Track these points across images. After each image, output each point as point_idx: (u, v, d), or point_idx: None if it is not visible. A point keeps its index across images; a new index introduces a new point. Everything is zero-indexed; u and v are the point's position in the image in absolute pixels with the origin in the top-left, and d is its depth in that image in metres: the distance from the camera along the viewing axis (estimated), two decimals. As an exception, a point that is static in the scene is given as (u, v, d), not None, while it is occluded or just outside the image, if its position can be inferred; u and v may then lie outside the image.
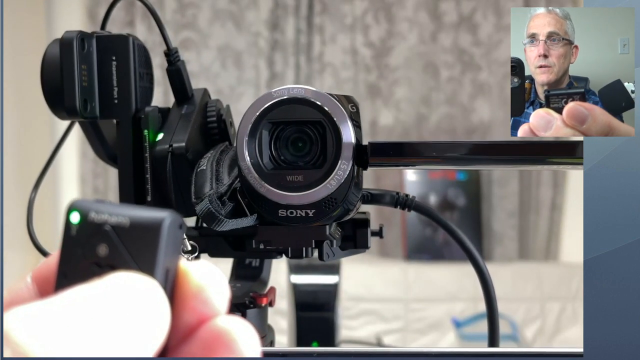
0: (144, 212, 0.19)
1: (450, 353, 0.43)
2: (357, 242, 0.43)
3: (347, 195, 0.38)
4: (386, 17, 1.90)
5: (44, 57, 0.42)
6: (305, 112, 0.38)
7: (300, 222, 0.38)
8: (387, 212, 1.89)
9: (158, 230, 0.19)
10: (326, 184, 0.37)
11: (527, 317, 1.75)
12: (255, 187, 0.38)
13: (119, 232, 0.19)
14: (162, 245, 0.19)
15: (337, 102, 0.38)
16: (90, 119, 0.43)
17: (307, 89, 0.38)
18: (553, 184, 1.92)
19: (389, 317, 1.74)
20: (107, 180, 1.87)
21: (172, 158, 0.42)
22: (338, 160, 0.38)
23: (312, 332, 0.65)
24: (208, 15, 1.89)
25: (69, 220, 0.19)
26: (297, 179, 0.38)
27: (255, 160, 0.38)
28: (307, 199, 0.38)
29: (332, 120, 0.38)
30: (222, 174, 0.40)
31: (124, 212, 0.19)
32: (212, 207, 0.37)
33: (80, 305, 0.16)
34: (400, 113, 1.91)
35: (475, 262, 0.46)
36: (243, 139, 0.38)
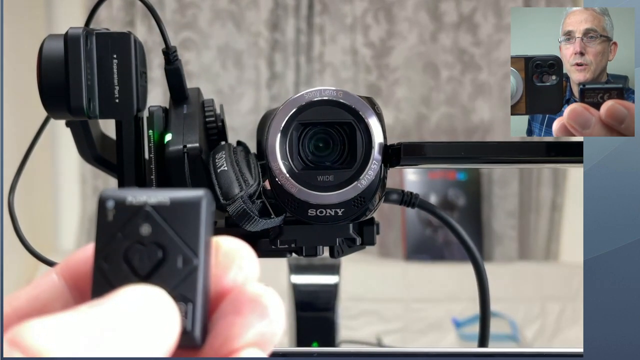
0: (180, 192, 0.20)
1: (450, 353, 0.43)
2: (363, 239, 0.44)
3: (375, 194, 0.40)
4: (386, 17, 1.90)
5: (41, 54, 0.41)
6: (336, 113, 0.39)
7: (329, 221, 0.40)
8: (387, 212, 1.90)
9: (199, 206, 0.20)
10: (357, 183, 0.39)
11: (527, 317, 1.75)
12: (287, 187, 0.39)
13: (161, 211, 0.20)
14: (204, 220, 0.20)
15: (368, 103, 0.39)
16: (92, 118, 0.42)
17: (339, 90, 0.39)
18: (553, 184, 1.92)
19: (389, 317, 1.74)
20: (107, 180, 1.87)
21: (187, 159, 0.41)
22: (368, 160, 0.39)
23: (312, 332, 0.65)
24: (208, 15, 1.89)
25: (105, 207, 0.20)
26: (328, 179, 0.39)
27: (287, 162, 0.39)
28: (338, 198, 0.39)
29: (363, 121, 0.39)
30: (245, 174, 0.41)
31: (162, 193, 0.20)
32: (246, 207, 0.38)
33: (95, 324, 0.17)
34: (401, 113, 1.91)
35: (475, 261, 0.47)
36: (275, 141, 0.39)
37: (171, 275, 0.19)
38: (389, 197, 0.47)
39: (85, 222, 1.89)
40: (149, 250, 0.19)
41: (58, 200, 1.94)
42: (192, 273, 0.19)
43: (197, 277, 0.19)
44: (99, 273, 0.19)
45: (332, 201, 0.39)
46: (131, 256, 0.19)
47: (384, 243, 1.92)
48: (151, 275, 0.19)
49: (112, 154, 0.47)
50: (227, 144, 0.45)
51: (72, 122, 0.45)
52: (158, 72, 1.75)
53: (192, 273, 0.19)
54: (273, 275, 0.56)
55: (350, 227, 0.42)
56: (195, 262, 0.19)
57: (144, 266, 0.19)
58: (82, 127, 0.46)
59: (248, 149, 0.47)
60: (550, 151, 0.40)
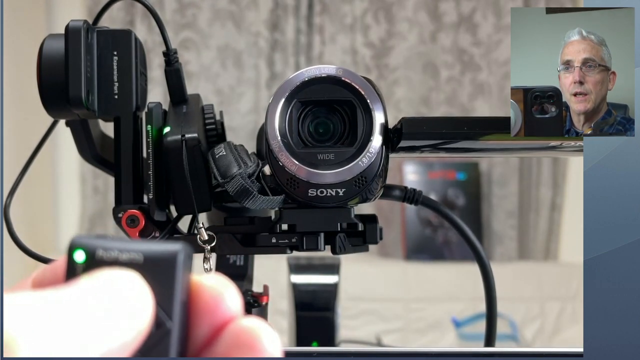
0: (155, 246, 0.19)
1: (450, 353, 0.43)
2: (366, 237, 0.43)
3: (377, 176, 0.39)
4: (386, 17, 1.90)
5: (41, 53, 0.41)
6: (336, 91, 0.39)
7: (330, 202, 0.39)
8: (387, 212, 1.90)
9: (174, 263, 0.19)
10: (358, 161, 0.38)
11: (527, 317, 1.75)
12: (287, 166, 0.38)
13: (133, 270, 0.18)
14: (179, 279, 0.19)
15: (368, 81, 0.39)
16: (91, 111, 0.42)
17: (339, 68, 0.38)
18: (553, 184, 1.92)
19: (389, 317, 1.74)
20: (107, 180, 1.87)
21: (186, 148, 0.41)
22: (370, 137, 0.38)
23: (312, 332, 0.65)
24: (208, 15, 1.89)
25: (74, 260, 0.19)
26: (329, 157, 0.38)
27: (286, 140, 0.38)
28: (340, 176, 0.38)
29: (363, 99, 0.38)
30: (244, 158, 0.40)
31: (134, 247, 0.19)
32: (245, 183, 0.38)
33: (69, 304, 0.16)
34: (400, 113, 1.91)
35: (480, 258, 0.46)
36: (274, 118, 0.38)
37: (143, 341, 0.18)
38: (391, 193, 0.46)
39: (85, 221, 1.89)
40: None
41: (58, 200, 1.94)
42: (165, 337, 0.18)
43: (169, 342, 0.18)
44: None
45: (333, 180, 0.38)
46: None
47: (383, 243, 1.91)
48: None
49: (112, 153, 0.47)
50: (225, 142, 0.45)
51: (72, 121, 0.45)
52: (158, 72, 1.75)
53: (165, 337, 0.18)
54: (273, 275, 0.56)
55: (352, 212, 0.41)
56: (168, 326, 0.18)
57: None
58: (82, 126, 0.46)
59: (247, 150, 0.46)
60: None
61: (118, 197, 0.43)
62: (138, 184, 0.43)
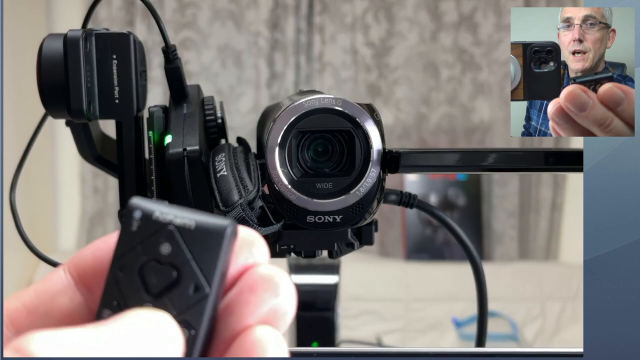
0: (208, 217, 0.20)
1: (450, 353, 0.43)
2: (362, 239, 0.44)
3: (374, 200, 0.40)
4: (386, 17, 1.90)
5: (41, 53, 0.41)
6: (334, 121, 0.40)
7: (327, 227, 0.40)
8: (387, 212, 1.89)
9: (222, 236, 0.20)
10: (355, 191, 0.39)
11: (527, 317, 1.75)
12: (286, 194, 0.39)
13: (184, 234, 0.20)
14: (224, 251, 0.20)
15: (367, 112, 0.40)
16: (92, 120, 0.42)
17: (338, 98, 0.39)
18: (553, 184, 1.92)
19: (389, 317, 1.74)
20: (107, 180, 1.87)
21: (187, 162, 0.42)
22: (367, 167, 0.39)
23: (312, 332, 0.65)
24: (208, 15, 1.89)
25: (132, 216, 0.20)
26: (327, 187, 0.40)
27: (286, 169, 0.39)
28: (337, 205, 0.39)
29: (361, 129, 0.39)
30: (245, 179, 0.41)
31: (189, 215, 0.20)
32: (245, 216, 0.39)
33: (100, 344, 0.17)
34: (401, 113, 1.91)
35: (473, 261, 0.47)
36: (274, 148, 0.39)
37: (180, 300, 0.19)
38: (387, 198, 0.47)
39: (85, 221, 1.89)
40: (164, 270, 0.20)
41: (58, 199, 1.94)
42: (202, 301, 0.19)
43: (205, 306, 0.19)
44: (113, 280, 0.20)
45: (331, 208, 0.39)
46: (146, 272, 0.20)
47: (383, 243, 1.92)
48: (161, 295, 0.19)
49: (112, 153, 0.47)
50: (227, 144, 0.45)
51: (72, 121, 0.45)
52: (158, 71, 1.75)
53: (202, 301, 0.19)
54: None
55: (348, 232, 0.42)
56: (206, 291, 0.19)
57: (157, 285, 0.19)
58: (82, 126, 0.46)
59: (249, 147, 0.46)
60: (549, 159, 0.40)
61: (123, 200, 0.44)
62: (141, 186, 0.44)
